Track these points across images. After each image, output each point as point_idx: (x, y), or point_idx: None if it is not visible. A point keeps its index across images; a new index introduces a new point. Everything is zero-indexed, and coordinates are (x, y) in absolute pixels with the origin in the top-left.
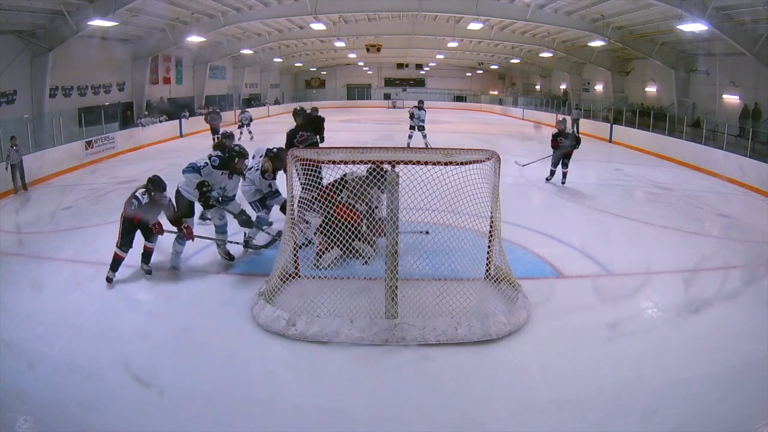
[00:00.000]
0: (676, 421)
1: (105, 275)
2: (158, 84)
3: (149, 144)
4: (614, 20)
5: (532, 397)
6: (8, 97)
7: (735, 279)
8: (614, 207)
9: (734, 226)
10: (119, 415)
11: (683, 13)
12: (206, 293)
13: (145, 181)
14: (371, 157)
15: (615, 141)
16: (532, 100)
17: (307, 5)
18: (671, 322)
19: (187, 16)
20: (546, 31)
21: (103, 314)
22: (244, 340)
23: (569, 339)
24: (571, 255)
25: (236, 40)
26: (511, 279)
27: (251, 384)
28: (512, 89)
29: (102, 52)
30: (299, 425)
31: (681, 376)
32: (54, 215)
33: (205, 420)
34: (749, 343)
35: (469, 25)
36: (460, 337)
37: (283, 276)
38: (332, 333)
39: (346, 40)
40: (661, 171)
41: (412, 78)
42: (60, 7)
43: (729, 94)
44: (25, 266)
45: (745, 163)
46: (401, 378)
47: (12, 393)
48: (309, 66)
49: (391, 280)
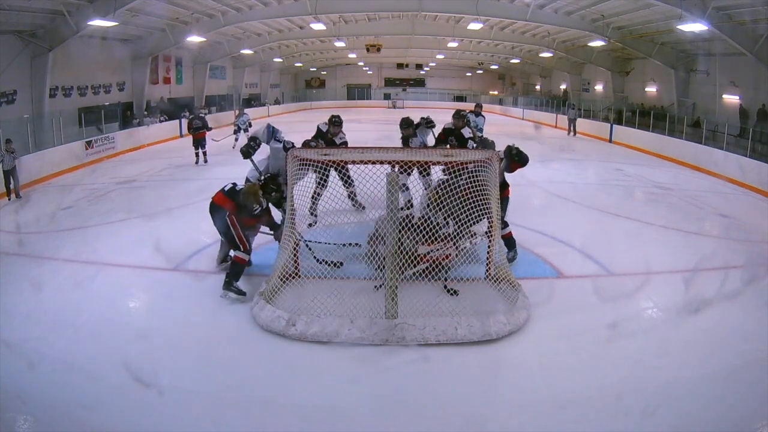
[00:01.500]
0: (676, 421)
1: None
2: (158, 84)
3: (149, 144)
4: (614, 20)
5: (532, 397)
6: (8, 97)
7: (735, 279)
8: (614, 207)
9: (734, 226)
10: (119, 415)
11: (683, 13)
12: (206, 293)
13: (255, 186)
14: (371, 157)
15: (615, 141)
16: (532, 100)
17: (307, 5)
18: (671, 322)
19: (187, 16)
20: (546, 31)
21: (103, 314)
22: (244, 340)
23: (569, 339)
24: (571, 255)
25: (236, 40)
26: (511, 279)
27: (251, 384)
28: (512, 89)
29: (102, 52)
30: (299, 425)
31: (681, 376)
32: (54, 215)
33: (205, 420)
34: (749, 343)
35: (469, 25)
36: (460, 337)
37: (283, 276)
38: (332, 333)
39: (346, 40)
40: (661, 171)
41: (412, 78)
42: (60, 7)
43: (729, 94)
44: (25, 266)
45: (745, 163)
46: (401, 378)
47: (12, 393)
48: (309, 66)
49: (391, 280)
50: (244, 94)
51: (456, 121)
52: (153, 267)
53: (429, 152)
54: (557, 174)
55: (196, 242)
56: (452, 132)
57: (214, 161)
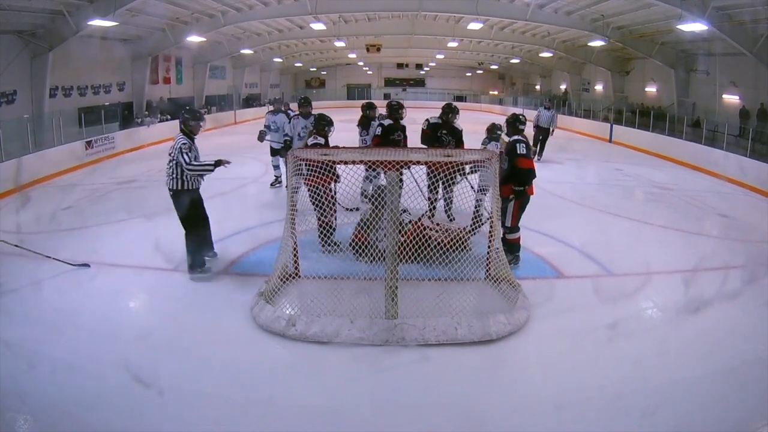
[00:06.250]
0: (676, 421)
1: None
2: (158, 84)
3: (149, 144)
4: (614, 20)
5: (532, 397)
6: (8, 97)
7: (735, 279)
8: (614, 207)
9: (734, 226)
10: (119, 415)
11: (683, 13)
12: (206, 293)
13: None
14: (371, 157)
15: (615, 141)
16: (532, 100)
17: (307, 5)
18: (671, 322)
19: (187, 16)
20: (546, 31)
21: (103, 314)
22: (244, 340)
23: (569, 339)
24: (571, 255)
25: (236, 40)
26: (511, 279)
27: (251, 384)
28: (512, 89)
29: (102, 52)
30: (299, 425)
31: (681, 376)
32: (54, 215)
33: (205, 420)
34: (749, 343)
35: (469, 25)
36: (460, 337)
37: (283, 276)
38: (332, 333)
39: (346, 40)
40: (661, 171)
41: (412, 78)
42: (60, 7)
43: (729, 94)
44: (25, 266)
45: (745, 163)
46: (401, 378)
47: (12, 393)
48: (309, 66)
49: (391, 281)
50: (243, 94)
51: (445, 115)
52: (153, 267)
53: (429, 152)
54: (557, 174)
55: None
56: (440, 126)
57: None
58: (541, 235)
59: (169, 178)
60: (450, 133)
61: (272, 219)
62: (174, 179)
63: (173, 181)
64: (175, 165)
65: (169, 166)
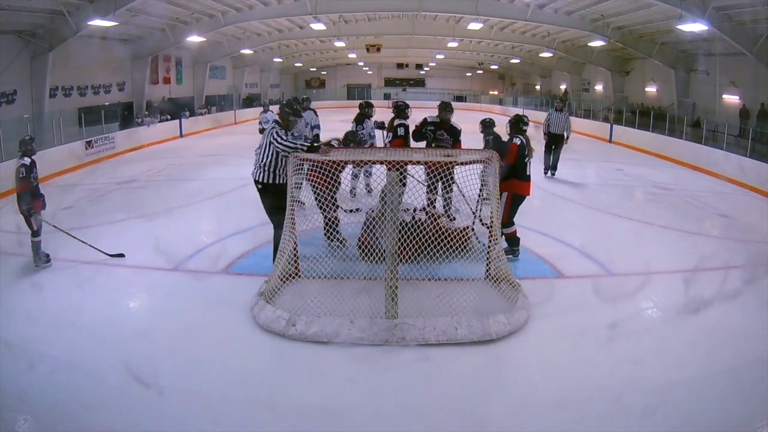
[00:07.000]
0: (676, 421)
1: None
2: (158, 84)
3: (149, 144)
4: (614, 20)
5: (532, 397)
6: (8, 97)
7: (735, 279)
8: (614, 207)
9: (734, 226)
10: (119, 415)
11: (683, 13)
12: (206, 293)
13: None
14: (371, 157)
15: (615, 141)
16: (532, 100)
17: (307, 5)
18: (671, 322)
19: (187, 16)
20: (546, 31)
21: (103, 314)
22: (244, 340)
23: (569, 339)
24: (571, 255)
25: (236, 40)
26: (511, 279)
27: (251, 384)
28: (512, 89)
29: (102, 52)
30: (299, 425)
31: (681, 376)
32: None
33: (205, 420)
34: (749, 343)
35: (469, 25)
36: (460, 337)
37: (283, 276)
38: (332, 333)
39: (346, 40)
40: (661, 171)
41: (412, 78)
42: (60, 7)
43: (729, 94)
44: (25, 266)
45: (745, 163)
46: (401, 378)
47: (12, 393)
48: (309, 66)
49: (391, 280)
50: (243, 94)
51: (443, 114)
52: (153, 267)
53: (429, 152)
54: (557, 174)
55: (196, 242)
56: (439, 125)
57: (212, 161)
58: (541, 235)
59: (260, 170)
60: (449, 132)
61: None
62: (265, 172)
63: (264, 173)
64: (268, 157)
65: (264, 156)
